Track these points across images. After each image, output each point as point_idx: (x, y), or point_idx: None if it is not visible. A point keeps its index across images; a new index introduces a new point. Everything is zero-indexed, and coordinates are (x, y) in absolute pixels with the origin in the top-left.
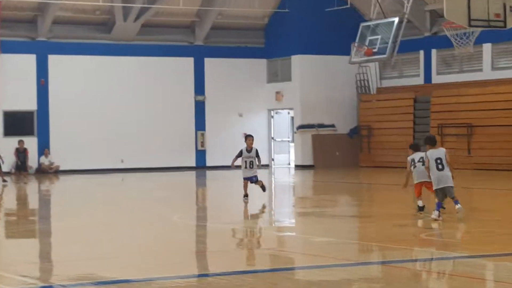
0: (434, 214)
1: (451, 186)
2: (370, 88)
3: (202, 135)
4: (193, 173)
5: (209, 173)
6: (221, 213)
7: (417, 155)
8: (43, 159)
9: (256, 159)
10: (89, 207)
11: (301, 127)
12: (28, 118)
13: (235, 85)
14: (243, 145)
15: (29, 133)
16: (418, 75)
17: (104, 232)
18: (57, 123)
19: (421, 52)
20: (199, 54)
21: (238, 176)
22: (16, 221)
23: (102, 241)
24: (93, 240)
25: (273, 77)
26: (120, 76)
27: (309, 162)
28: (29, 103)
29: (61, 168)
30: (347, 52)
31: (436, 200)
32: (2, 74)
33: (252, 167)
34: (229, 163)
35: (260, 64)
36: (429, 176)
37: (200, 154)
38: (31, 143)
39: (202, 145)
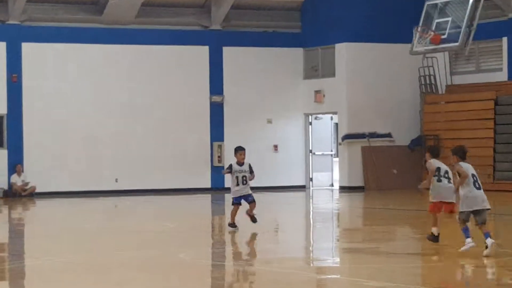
0: (469, 243)
1: (488, 209)
2: (437, 86)
3: (220, 147)
4: (207, 197)
5: (228, 196)
6: (243, 249)
7: (441, 165)
8: (14, 178)
9: (250, 175)
10: (73, 241)
11: (347, 137)
12: None
13: (262, 82)
14: (270, 160)
15: None
16: (500, 69)
17: (91, 275)
18: (33, 132)
19: (504, 40)
20: (215, 42)
21: (263, 200)
22: None
23: (88, 287)
24: (77, 286)
25: (311, 71)
26: (113, 70)
27: (358, 182)
28: None
29: (37, 190)
30: (407, 39)
31: (462, 226)
32: None
33: (246, 183)
34: (254, 184)
35: (295, 55)
36: (454, 195)
37: (217, 172)
38: (0, 156)
39: (220, 161)
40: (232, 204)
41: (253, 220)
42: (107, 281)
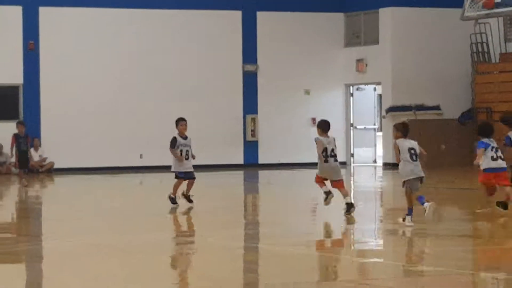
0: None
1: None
2: (490, 55)
3: (253, 120)
4: (239, 174)
5: (262, 173)
6: (277, 230)
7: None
8: (31, 153)
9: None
10: (94, 221)
11: (392, 109)
12: (10, 96)
13: (300, 50)
14: (309, 134)
15: (12, 116)
16: None
17: (114, 258)
18: (51, 104)
19: None
20: (249, 6)
21: (302, 177)
22: None
23: (110, 271)
24: (97, 271)
25: (353, 38)
26: (137, 37)
27: None
28: (12, 75)
29: (56, 166)
30: (458, 3)
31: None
32: None
33: (189, 158)
34: (289, 160)
35: (335, 20)
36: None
37: (250, 147)
38: (14, 130)
39: (253, 135)
40: (176, 177)
41: (189, 201)
42: (131, 265)
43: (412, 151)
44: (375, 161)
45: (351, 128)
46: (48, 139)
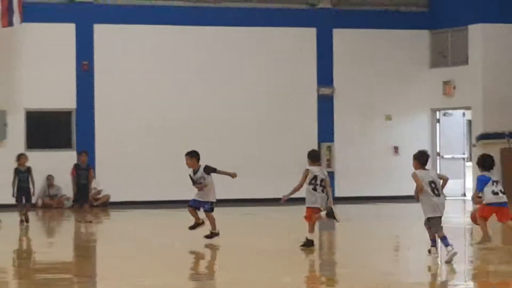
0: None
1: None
2: None
3: (329, 149)
4: None
5: (338, 207)
6: (357, 271)
7: None
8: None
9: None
10: (154, 261)
11: (484, 137)
12: (62, 123)
13: (380, 71)
14: (390, 164)
15: (64, 145)
16: None
17: None
18: (107, 130)
19: None
20: (324, 23)
21: (382, 212)
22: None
23: None
24: None
25: (440, 58)
26: (203, 56)
27: None
28: (64, 99)
29: (111, 199)
30: None
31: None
32: (24, 54)
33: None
34: (369, 192)
35: (419, 38)
36: None
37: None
38: (67, 160)
39: (329, 165)
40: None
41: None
42: None
43: (433, 185)
44: (464, 194)
45: (438, 157)
46: (103, 170)
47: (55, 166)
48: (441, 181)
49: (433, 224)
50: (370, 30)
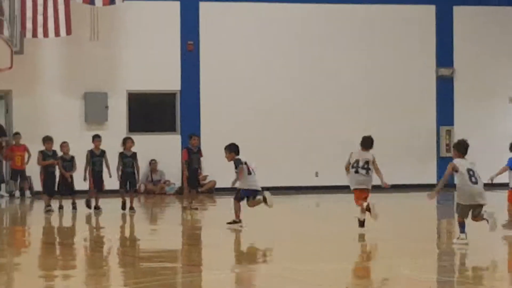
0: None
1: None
2: None
3: (448, 133)
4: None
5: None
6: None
7: None
8: None
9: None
10: (260, 248)
11: None
12: (166, 105)
13: (504, 50)
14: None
15: (168, 128)
16: None
17: None
18: (212, 113)
19: None
20: (444, 0)
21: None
22: None
23: None
24: None
25: None
26: (310, 36)
27: None
28: (168, 81)
29: (217, 185)
30: None
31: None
32: (126, 33)
33: None
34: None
35: None
36: None
37: (445, 164)
38: (171, 143)
39: (448, 150)
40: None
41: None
42: None
43: (471, 172)
44: None
45: None
46: (209, 155)
47: (158, 150)
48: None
49: (461, 210)
50: (493, 7)
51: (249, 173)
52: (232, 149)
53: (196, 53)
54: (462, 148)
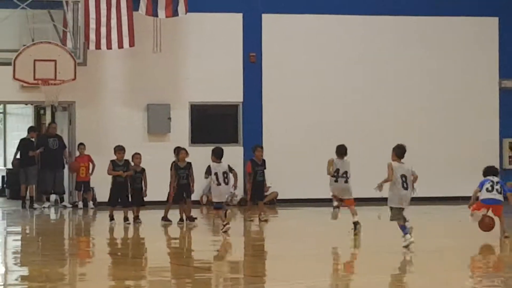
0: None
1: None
2: None
3: None
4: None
5: None
6: None
7: None
8: None
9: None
10: (323, 260)
11: None
12: (228, 116)
13: None
14: None
15: (230, 139)
16: None
17: None
18: (274, 124)
19: None
20: (508, 10)
21: None
22: None
23: None
24: None
25: None
26: (372, 47)
27: None
28: (230, 92)
29: (279, 196)
30: None
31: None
32: (189, 45)
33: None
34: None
35: None
36: None
37: (508, 177)
38: (233, 155)
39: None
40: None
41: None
42: None
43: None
44: None
45: None
46: (271, 166)
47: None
48: (412, 177)
49: (394, 214)
50: None
51: (218, 183)
52: (213, 154)
53: (259, 64)
54: (400, 152)
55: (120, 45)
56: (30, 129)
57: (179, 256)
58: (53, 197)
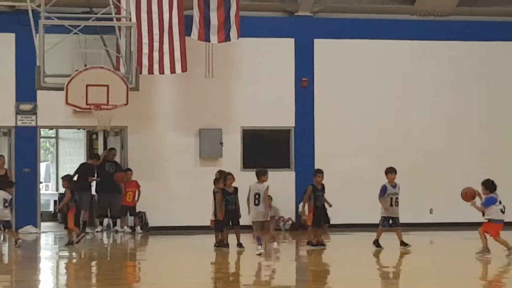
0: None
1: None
2: None
3: None
4: None
5: None
6: None
7: None
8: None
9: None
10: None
11: None
12: (280, 141)
13: None
14: None
15: (282, 164)
16: None
17: None
18: (326, 150)
19: None
20: None
21: None
22: None
23: None
24: None
25: None
26: (424, 72)
27: None
28: (283, 117)
29: (332, 222)
30: None
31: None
32: (241, 70)
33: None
34: None
35: None
36: None
37: None
38: (285, 180)
39: None
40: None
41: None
42: None
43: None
44: None
45: None
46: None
47: (272, 186)
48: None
49: (255, 226)
50: None
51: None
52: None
53: (311, 89)
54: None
55: (173, 70)
56: (93, 156)
57: (234, 281)
58: (105, 221)
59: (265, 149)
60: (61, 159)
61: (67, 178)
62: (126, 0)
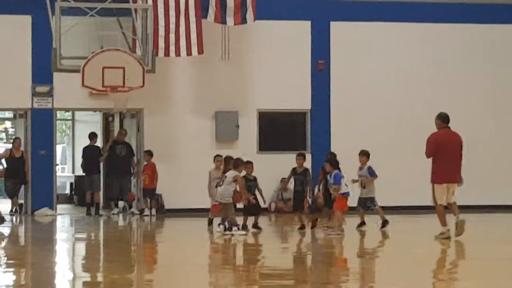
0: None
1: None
2: None
3: None
4: None
5: None
6: None
7: None
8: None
9: None
10: (399, 266)
11: None
12: (296, 124)
13: None
14: None
15: (298, 147)
16: None
17: None
18: (342, 132)
19: None
20: None
21: None
22: None
23: None
24: None
25: None
26: (440, 56)
27: None
28: (299, 100)
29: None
30: None
31: None
32: (257, 53)
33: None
34: None
35: None
36: None
37: None
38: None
39: None
40: None
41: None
42: None
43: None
44: None
45: None
46: None
47: (288, 169)
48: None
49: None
50: None
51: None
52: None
53: (327, 72)
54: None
55: (189, 53)
56: (92, 136)
57: (251, 262)
58: (121, 203)
59: (281, 131)
60: (77, 141)
61: None
62: None
